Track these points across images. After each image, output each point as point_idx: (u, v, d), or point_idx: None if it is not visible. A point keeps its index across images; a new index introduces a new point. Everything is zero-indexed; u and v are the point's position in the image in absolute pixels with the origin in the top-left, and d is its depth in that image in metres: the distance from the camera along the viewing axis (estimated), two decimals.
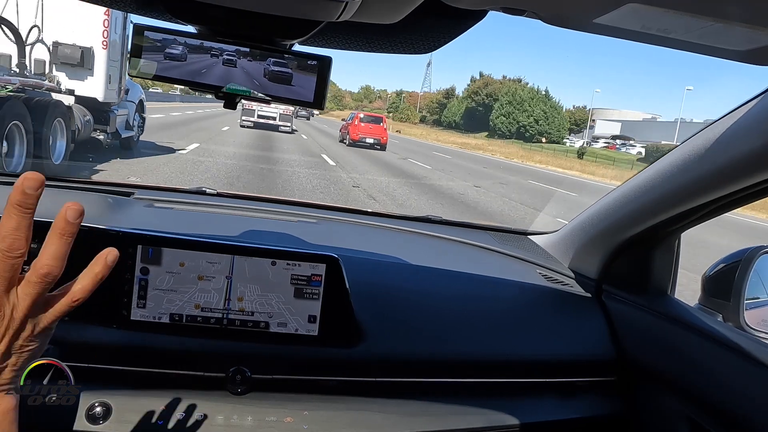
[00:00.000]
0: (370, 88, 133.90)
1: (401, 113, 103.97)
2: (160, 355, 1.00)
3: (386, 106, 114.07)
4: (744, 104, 0.90)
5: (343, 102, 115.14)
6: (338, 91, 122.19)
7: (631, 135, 69.44)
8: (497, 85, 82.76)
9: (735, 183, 0.93)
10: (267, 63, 0.78)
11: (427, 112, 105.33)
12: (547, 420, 1.16)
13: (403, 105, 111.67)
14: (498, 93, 78.21)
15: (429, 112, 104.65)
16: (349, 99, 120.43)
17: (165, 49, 0.77)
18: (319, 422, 1.02)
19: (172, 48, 0.77)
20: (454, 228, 1.75)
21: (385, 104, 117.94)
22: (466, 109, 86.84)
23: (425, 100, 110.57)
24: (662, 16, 0.56)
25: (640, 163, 36.47)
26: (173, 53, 0.77)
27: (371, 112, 34.68)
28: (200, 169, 9.34)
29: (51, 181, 1.51)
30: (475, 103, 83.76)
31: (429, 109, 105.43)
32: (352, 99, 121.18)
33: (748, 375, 0.98)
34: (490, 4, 0.62)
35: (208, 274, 1.01)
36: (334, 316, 1.05)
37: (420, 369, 1.12)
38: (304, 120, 46.07)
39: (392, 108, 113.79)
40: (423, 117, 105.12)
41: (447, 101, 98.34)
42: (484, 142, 55.03)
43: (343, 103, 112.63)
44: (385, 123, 23.77)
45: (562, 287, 1.37)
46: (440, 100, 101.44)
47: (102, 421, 0.93)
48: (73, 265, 1.04)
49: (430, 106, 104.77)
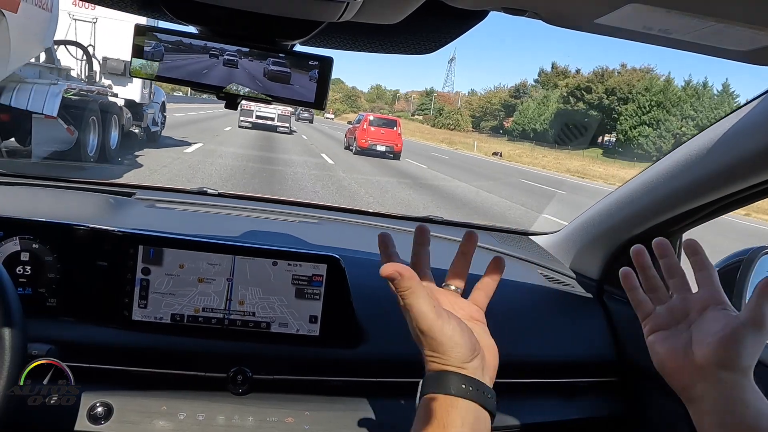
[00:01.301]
0: (381, 87, 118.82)
1: (447, 118, 78.53)
2: (161, 355, 1.00)
3: (412, 109, 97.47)
4: (745, 104, 0.90)
5: (357, 103, 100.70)
6: (351, 91, 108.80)
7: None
8: (618, 78, 52.80)
9: (737, 183, 0.93)
10: (267, 63, 0.78)
11: (478, 116, 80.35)
12: (548, 420, 1.16)
13: (445, 108, 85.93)
14: (624, 90, 51.11)
15: (482, 115, 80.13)
16: (363, 100, 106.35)
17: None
18: (321, 422, 1.02)
19: (145, 45, 0.76)
20: (455, 228, 1.75)
21: (409, 106, 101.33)
22: (557, 113, 57.15)
23: (480, 101, 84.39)
24: (663, 16, 0.56)
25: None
26: (146, 51, 0.77)
27: (385, 115, 30.53)
28: (203, 169, 9.43)
29: (51, 181, 1.51)
30: (585, 104, 54.10)
31: (483, 111, 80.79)
32: (365, 100, 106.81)
33: None
34: (491, 4, 0.61)
35: (208, 276, 1.01)
36: (335, 316, 1.05)
37: (420, 369, 1.12)
38: (307, 123, 43.70)
39: (420, 110, 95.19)
40: (476, 123, 79.98)
41: (516, 101, 70.44)
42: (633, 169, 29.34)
43: (357, 105, 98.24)
44: (399, 127, 19.95)
45: (563, 288, 1.37)
46: (506, 100, 75.63)
47: (103, 421, 0.94)
48: (74, 265, 1.04)
49: (487, 107, 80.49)
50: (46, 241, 1.00)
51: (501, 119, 76.03)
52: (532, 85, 73.91)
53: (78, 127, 7.09)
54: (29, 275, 1.00)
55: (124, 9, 0.81)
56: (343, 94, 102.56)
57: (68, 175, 1.64)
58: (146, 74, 0.78)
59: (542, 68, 72.95)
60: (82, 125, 7.22)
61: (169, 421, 0.96)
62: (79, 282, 1.01)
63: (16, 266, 0.99)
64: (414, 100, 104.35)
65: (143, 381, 0.99)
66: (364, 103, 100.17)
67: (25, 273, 1.00)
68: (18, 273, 0.99)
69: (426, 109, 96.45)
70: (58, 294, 1.01)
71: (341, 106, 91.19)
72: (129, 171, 8.02)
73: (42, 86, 6.47)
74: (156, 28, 0.78)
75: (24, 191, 1.41)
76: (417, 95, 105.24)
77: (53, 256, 1.01)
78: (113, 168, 8.01)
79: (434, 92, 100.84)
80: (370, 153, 18.32)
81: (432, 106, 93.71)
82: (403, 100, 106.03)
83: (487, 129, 75.20)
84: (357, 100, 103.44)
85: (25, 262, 0.99)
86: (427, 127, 69.72)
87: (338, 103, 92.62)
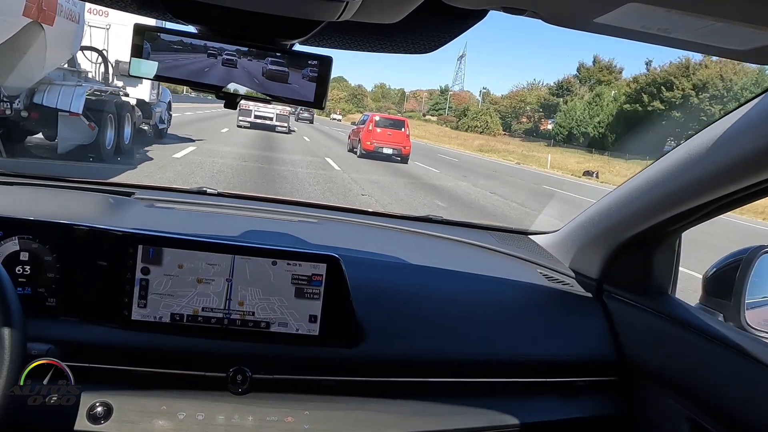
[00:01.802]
0: (385, 86, 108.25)
1: (474, 120, 61.73)
2: (161, 354, 1.00)
3: (424, 109, 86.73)
4: (744, 104, 0.90)
5: (363, 103, 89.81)
6: (357, 89, 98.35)
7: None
8: (708, 71, 39.50)
9: (736, 182, 0.93)
10: (265, 62, 0.78)
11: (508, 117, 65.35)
12: (547, 420, 1.16)
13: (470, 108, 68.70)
14: (718, 86, 38.74)
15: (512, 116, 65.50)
16: (369, 99, 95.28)
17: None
18: (320, 422, 1.02)
19: (144, 45, 0.77)
20: (454, 228, 1.75)
21: (420, 106, 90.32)
22: (620, 114, 44.68)
23: (510, 100, 69.23)
24: (663, 16, 0.56)
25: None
26: (146, 50, 0.77)
27: (392, 115, 27.76)
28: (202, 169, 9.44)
29: (51, 181, 1.51)
30: (664, 103, 40.79)
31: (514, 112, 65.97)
32: (371, 99, 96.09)
33: (749, 375, 0.98)
34: (490, 3, 0.62)
35: (207, 277, 1.01)
36: (335, 315, 1.05)
37: (421, 369, 1.12)
38: (307, 123, 40.62)
39: (434, 110, 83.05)
40: (506, 125, 64.99)
41: (559, 100, 57.46)
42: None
43: (363, 104, 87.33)
44: (407, 128, 18.22)
45: (562, 287, 1.37)
46: (546, 99, 61.75)
47: (103, 420, 0.94)
48: (74, 265, 1.04)
49: (519, 107, 65.92)
50: (46, 241, 1.00)
51: (536, 121, 63.63)
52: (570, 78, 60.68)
53: (98, 124, 7.89)
54: (29, 275, 1.00)
55: (125, 9, 0.81)
56: (348, 93, 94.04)
57: (70, 174, 1.63)
58: (145, 74, 0.78)
59: (582, 63, 60.12)
60: (101, 122, 8.03)
61: (169, 421, 0.96)
62: (78, 282, 1.01)
63: (16, 266, 0.99)
64: (424, 99, 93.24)
65: (143, 381, 0.99)
66: (369, 103, 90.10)
67: (25, 273, 0.99)
68: (17, 273, 0.99)
69: (440, 109, 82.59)
70: (57, 294, 1.01)
71: (347, 106, 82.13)
72: (141, 164, 8.79)
73: (69, 87, 7.42)
74: (155, 28, 0.78)
75: (23, 191, 1.41)
76: (426, 94, 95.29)
77: (53, 256, 1.01)
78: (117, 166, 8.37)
79: (449, 90, 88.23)
80: (376, 156, 16.79)
81: (447, 105, 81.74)
82: (414, 99, 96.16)
83: (520, 132, 63.14)
84: (363, 99, 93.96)
85: (24, 262, 0.99)
86: (449, 130, 58.64)
87: (343, 103, 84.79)
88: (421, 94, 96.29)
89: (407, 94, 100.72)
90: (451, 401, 1.11)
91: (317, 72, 0.80)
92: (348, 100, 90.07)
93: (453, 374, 1.13)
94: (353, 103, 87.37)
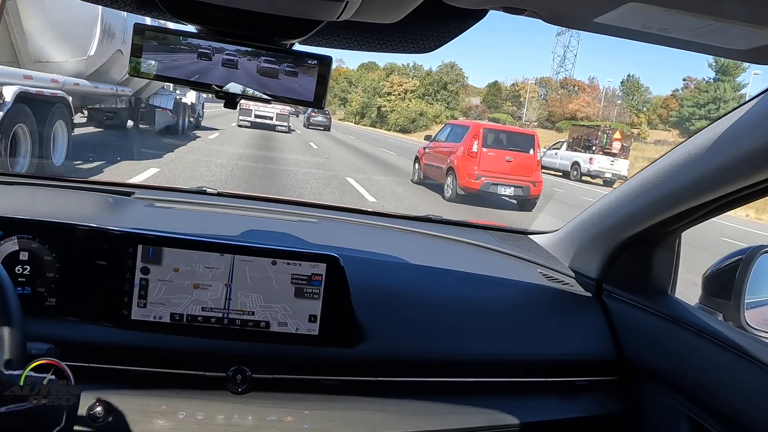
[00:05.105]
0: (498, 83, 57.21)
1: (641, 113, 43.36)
2: (160, 354, 1.00)
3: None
4: (744, 103, 0.90)
5: (456, 100, 52.98)
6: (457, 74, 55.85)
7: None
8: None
9: (736, 182, 0.93)
10: (259, 60, 0.78)
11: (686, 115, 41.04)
12: (547, 419, 1.16)
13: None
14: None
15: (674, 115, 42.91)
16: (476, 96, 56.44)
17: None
18: (320, 422, 1.02)
19: (145, 45, 0.77)
20: (454, 227, 1.75)
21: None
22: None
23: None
24: (662, 16, 0.56)
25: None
26: (146, 50, 0.78)
27: (507, 126, 17.94)
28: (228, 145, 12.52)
29: (51, 180, 1.51)
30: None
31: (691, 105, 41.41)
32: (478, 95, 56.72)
33: (749, 374, 0.98)
34: (490, 3, 0.62)
35: (205, 281, 1.01)
36: (335, 315, 1.05)
37: (420, 368, 1.12)
38: (321, 130, 28.00)
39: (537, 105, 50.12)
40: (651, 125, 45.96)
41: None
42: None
43: (456, 101, 52.53)
44: (538, 150, 10.41)
45: (562, 287, 1.37)
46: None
47: (103, 420, 0.94)
48: (73, 265, 1.04)
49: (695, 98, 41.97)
50: (45, 241, 1.00)
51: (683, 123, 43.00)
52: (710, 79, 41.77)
53: (176, 116, 12.97)
54: (28, 275, 1.00)
55: (125, 8, 0.81)
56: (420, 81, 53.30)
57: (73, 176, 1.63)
58: (145, 73, 0.78)
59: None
60: (178, 114, 13.12)
61: (169, 421, 0.96)
62: (78, 281, 1.01)
63: (15, 266, 0.99)
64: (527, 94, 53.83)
65: (142, 380, 0.99)
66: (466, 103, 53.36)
67: (24, 272, 0.99)
68: (17, 272, 0.99)
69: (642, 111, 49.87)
70: (57, 293, 1.01)
71: (438, 110, 47.88)
72: (193, 140, 13.93)
73: (165, 94, 12.28)
74: (156, 28, 0.77)
75: (23, 191, 1.41)
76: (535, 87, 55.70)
77: (52, 256, 1.01)
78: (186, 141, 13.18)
79: (544, 80, 54.96)
80: (485, 200, 9.65)
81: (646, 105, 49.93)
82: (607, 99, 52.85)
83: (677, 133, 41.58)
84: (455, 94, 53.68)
85: (24, 262, 0.99)
86: (544, 134, 34.90)
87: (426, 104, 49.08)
88: (524, 88, 55.46)
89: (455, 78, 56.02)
90: (451, 401, 1.11)
91: (317, 72, 0.80)
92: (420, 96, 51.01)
93: (453, 374, 1.13)
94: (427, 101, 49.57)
